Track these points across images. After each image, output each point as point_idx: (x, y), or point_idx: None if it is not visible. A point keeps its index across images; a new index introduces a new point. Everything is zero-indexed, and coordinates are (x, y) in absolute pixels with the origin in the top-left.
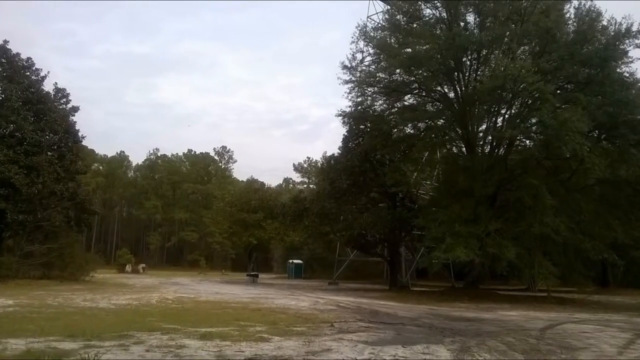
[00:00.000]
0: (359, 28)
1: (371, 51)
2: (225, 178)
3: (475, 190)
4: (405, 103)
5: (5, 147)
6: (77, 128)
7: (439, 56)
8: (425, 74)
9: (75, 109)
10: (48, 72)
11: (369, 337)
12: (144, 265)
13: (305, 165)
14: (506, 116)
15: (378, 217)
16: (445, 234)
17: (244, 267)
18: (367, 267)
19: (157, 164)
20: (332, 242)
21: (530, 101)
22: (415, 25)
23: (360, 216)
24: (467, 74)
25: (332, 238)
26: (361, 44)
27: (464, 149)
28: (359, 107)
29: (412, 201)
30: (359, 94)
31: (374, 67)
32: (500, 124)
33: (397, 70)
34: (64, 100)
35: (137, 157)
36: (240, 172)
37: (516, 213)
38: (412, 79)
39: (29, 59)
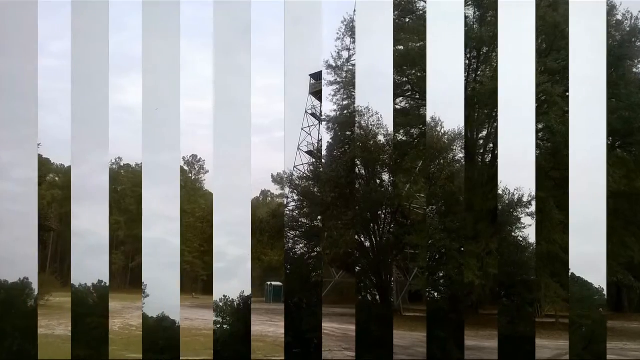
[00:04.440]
0: (345, 23)
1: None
2: (195, 190)
3: (475, 204)
4: (397, 107)
5: None
6: None
7: None
8: (419, 74)
9: None
10: None
11: None
12: None
13: (285, 176)
14: None
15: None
16: None
17: None
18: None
19: (120, 175)
20: None
21: (536, 104)
22: (407, 20)
23: (346, 233)
24: (465, 74)
25: None
26: (347, 40)
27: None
28: (345, 111)
29: (404, 216)
30: (345, 96)
31: None
32: None
33: None
34: None
35: None
36: (213, 184)
37: None
38: (405, 79)
39: None
